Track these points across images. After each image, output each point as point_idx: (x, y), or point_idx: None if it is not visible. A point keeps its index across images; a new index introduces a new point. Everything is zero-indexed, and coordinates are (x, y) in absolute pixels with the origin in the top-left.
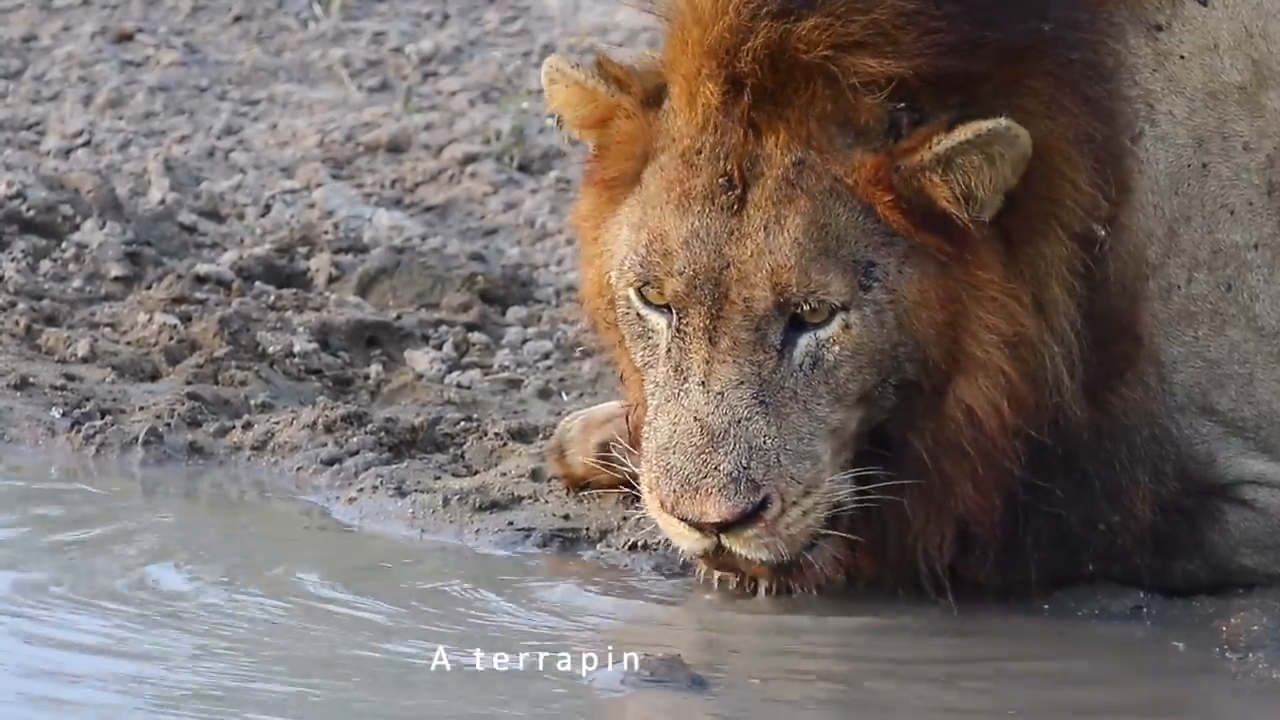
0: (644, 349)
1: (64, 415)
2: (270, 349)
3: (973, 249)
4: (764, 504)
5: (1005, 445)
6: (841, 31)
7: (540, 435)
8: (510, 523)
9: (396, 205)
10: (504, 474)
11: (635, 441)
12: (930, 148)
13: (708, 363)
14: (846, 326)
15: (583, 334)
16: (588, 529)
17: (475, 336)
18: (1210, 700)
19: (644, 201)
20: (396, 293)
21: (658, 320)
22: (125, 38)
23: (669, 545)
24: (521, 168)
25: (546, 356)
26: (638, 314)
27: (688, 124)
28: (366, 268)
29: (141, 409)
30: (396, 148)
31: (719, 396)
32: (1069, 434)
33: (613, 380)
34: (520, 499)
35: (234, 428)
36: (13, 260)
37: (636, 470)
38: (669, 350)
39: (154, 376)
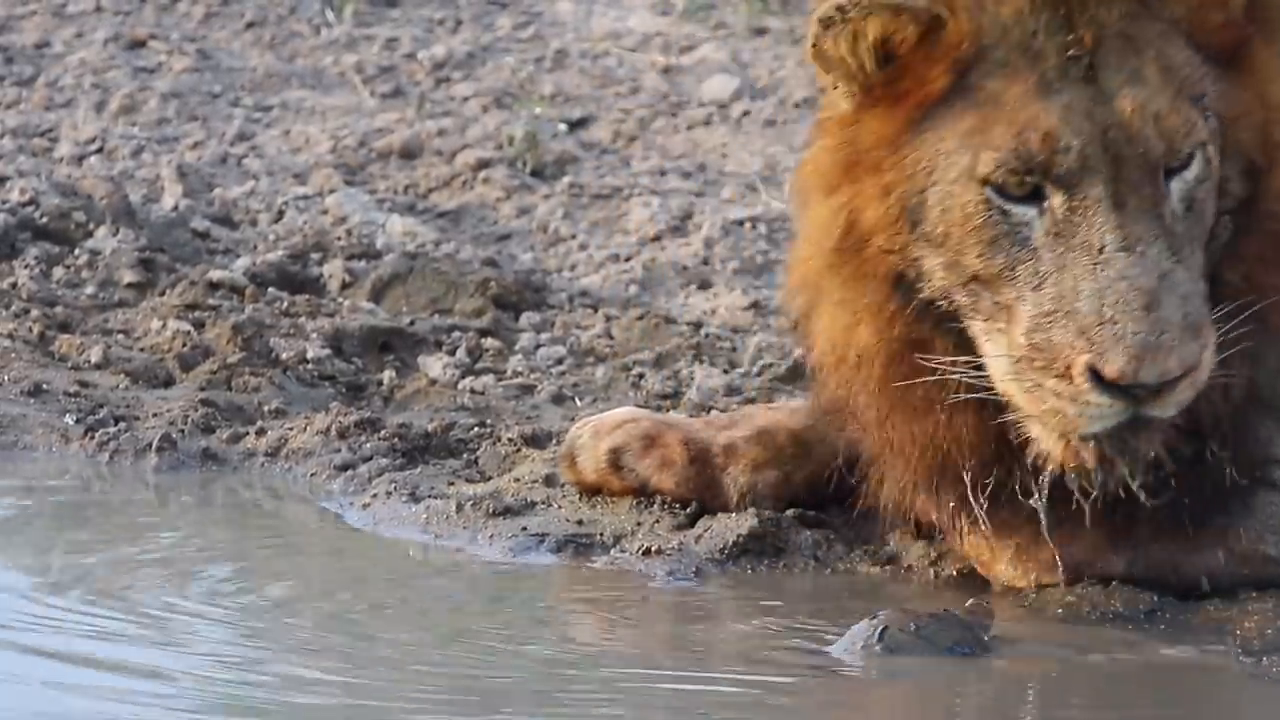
0: (1009, 248)
1: (78, 422)
2: (284, 355)
3: (1251, 45)
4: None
5: None
6: None
7: (554, 441)
8: (524, 528)
9: (410, 211)
10: (517, 479)
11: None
12: None
13: (1121, 227)
14: (1207, 162)
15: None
16: (601, 534)
17: (488, 342)
18: (1224, 704)
19: (981, 101)
20: (410, 298)
21: (1025, 211)
22: (138, 44)
23: (683, 548)
24: (534, 173)
25: (560, 362)
26: (1001, 210)
27: (1013, 10)
28: (380, 273)
29: (155, 415)
30: (409, 153)
31: (1142, 255)
32: None
33: (625, 385)
34: (534, 504)
35: (247, 434)
36: (26, 267)
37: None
38: (1058, 233)
39: (167, 383)
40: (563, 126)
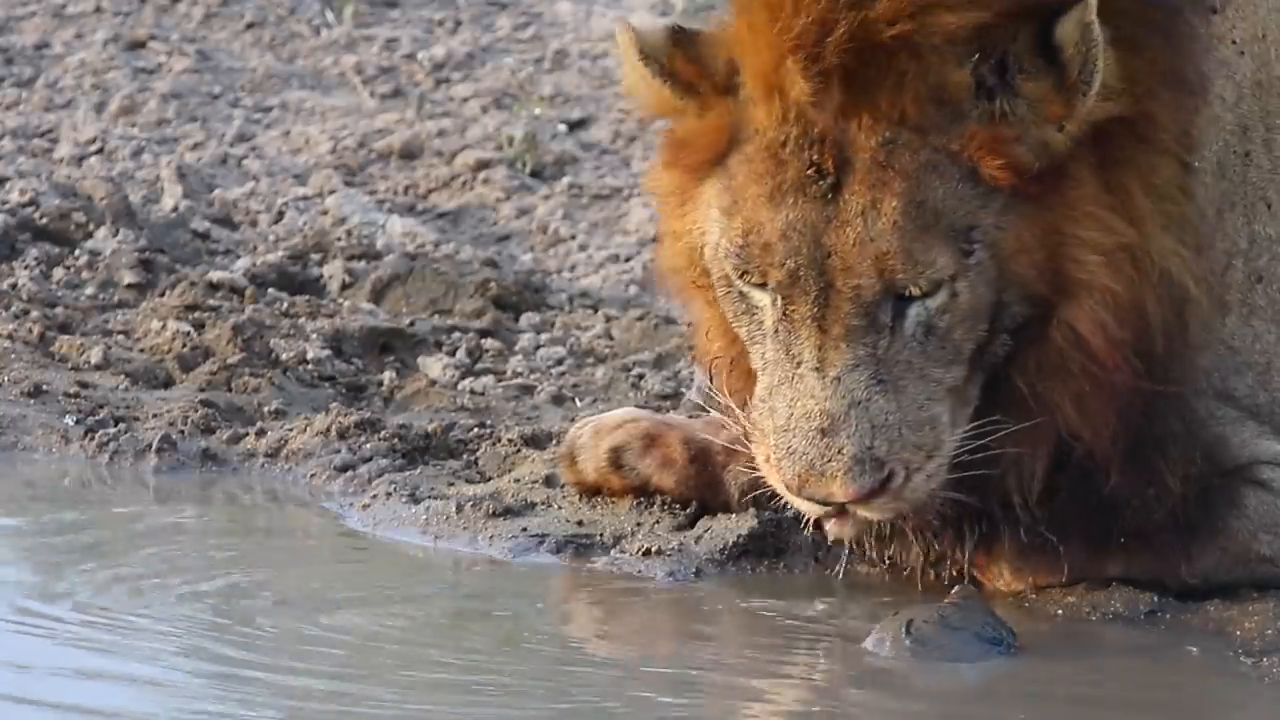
0: (749, 324)
1: (78, 423)
2: (284, 355)
3: (1067, 174)
4: (889, 477)
5: (1115, 361)
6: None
7: (553, 441)
8: (524, 529)
9: (409, 212)
10: (517, 480)
11: (727, 390)
12: (1088, 91)
13: (820, 349)
14: (954, 295)
15: (667, 289)
16: (601, 535)
17: (488, 343)
18: (1225, 704)
19: (733, 189)
20: (410, 299)
21: (761, 297)
22: (138, 45)
23: (683, 548)
24: (534, 174)
25: (559, 363)
26: (740, 292)
27: (768, 116)
28: (380, 274)
29: (155, 416)
30: (409, 154)
31: (835, 381)
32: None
33: (625, 386)
34: (534, 505)
35: (247, 434)
36: (26, 268)
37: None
38: (776, 330)
39: (167, 383)
40: (563, 127)
